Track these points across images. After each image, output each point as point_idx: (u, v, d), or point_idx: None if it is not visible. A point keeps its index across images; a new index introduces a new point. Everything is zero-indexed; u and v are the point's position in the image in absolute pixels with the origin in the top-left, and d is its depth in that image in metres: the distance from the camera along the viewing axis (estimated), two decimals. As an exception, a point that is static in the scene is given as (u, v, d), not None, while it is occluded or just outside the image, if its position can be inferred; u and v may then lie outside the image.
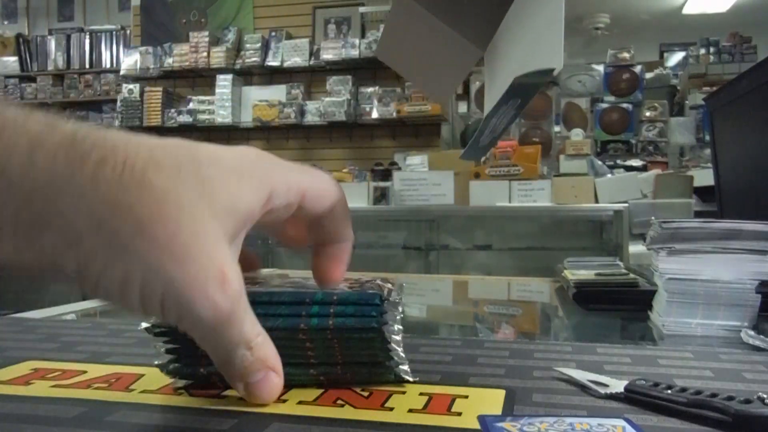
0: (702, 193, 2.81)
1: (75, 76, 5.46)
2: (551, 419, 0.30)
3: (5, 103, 0.25)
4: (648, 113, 4.16)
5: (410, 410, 0.32)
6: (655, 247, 0.63)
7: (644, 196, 2.95)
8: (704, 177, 2.78)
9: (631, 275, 0.84)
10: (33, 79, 5.51)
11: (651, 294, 0.69)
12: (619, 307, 0.77)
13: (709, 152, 2.40)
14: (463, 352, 0.46)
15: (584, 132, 3.95)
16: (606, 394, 0.35)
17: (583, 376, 0.37)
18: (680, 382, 0.36)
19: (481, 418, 0.31)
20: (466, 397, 0.35)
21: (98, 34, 5.60)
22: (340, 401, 0.34)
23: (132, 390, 0.36)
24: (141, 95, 4.50)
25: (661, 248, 0.62)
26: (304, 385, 0.36)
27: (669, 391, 0.33)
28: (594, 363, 0.43)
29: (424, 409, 0.33)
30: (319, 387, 0.36)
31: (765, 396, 0.31)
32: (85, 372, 0.40)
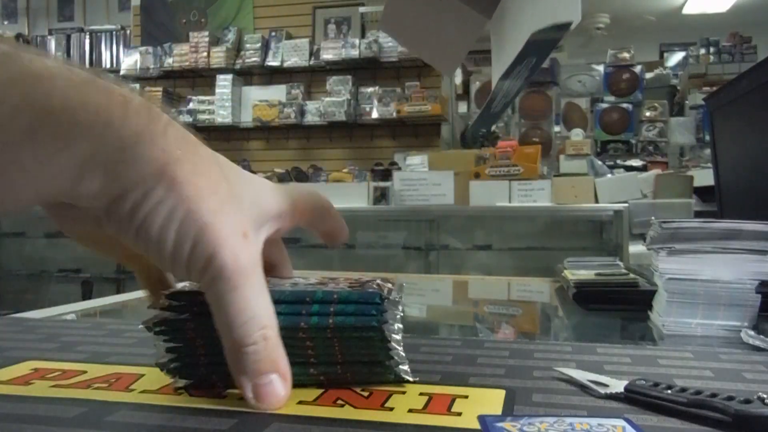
0: (702, 193, 2.81)
1: (75, 76, 5.46)
2: (551, 419, 0.30)
3: (92, 70, 0.32)
4: (648, 113, 4.16)
5: (410, 410, 0.32)
6: (655, 247, 0.63)
7: (644, 196, 2.95)
8: (704, 177, 2.78)
9: (631, 275, 0.84)
10: (33, 79, 5.52)
11: (651, 294, 0.69)
12: (619, 307, 0.77)
13: (709, 152, 2.40)
14: (463, 352, 0.46)
15: (584, 132, 3.96)
16: (606, 394, 0.35)
17: (583, 376, 0.37)
18: (680, 382, 0.36)
19: (481, 418, 0.31)
20: (466, 397, 0.35)
21: (98, 34, 5.60)
22: (340, 401, 0.34)
23: (132, 390, 0.36)
24: (141, 95, 4.50)
25: (661, 248, 0.62)
26: (304, 385, 0.36)
27: (669, 391, 0.33)
28: (594, 363, 0.43)
29: (424, 409, 0.33)
30: (319, 387, 0.36)
31: (765, 396, 0.31)
32: (85, 372, 0.40)
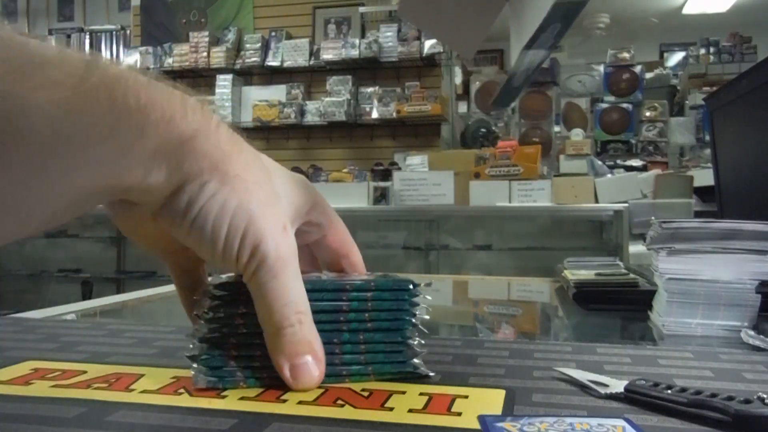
0: (702, 193, 2.81)
1: (75, 76, 5.46)
2: (551, 419, 0.30)
3: (149, 73, 0.34)
4: (648, 113, 4.16)
5: (410, 410, 0.32)
6: (655, 247, 0.63)
7: (644, 196, 2.95)
8: (704, 177, 2.78)
9: (631, 275, 0.84)
10: (33, 79, 5.51)
11: (651, 294, 0.69)
12: (619, 307, 0.77)
13: (709, 152, 2.40)
14: (463, 352, 0.46)
15: (584, 132, 3.96)
16: (606, 394, 0.35)
17: (583, 376, 0.37)
18: (680, 382, 0.36)
19: (481, 418, 0.31)
20: (466, 397, 0.35)
21: (98, 34, 5.61)
22: (340, 401, 0.34)
23: (132, 390, 0.36)
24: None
25: (661, 248, 0.62)
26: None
27: (669, 391, 0.33)
28: (594, 363, 0.43)
29: (424, 409, 0.33)
30: (322, 385, 0.36)
31: (765, 396, 0.31)
32: (85, 372, 0.40)
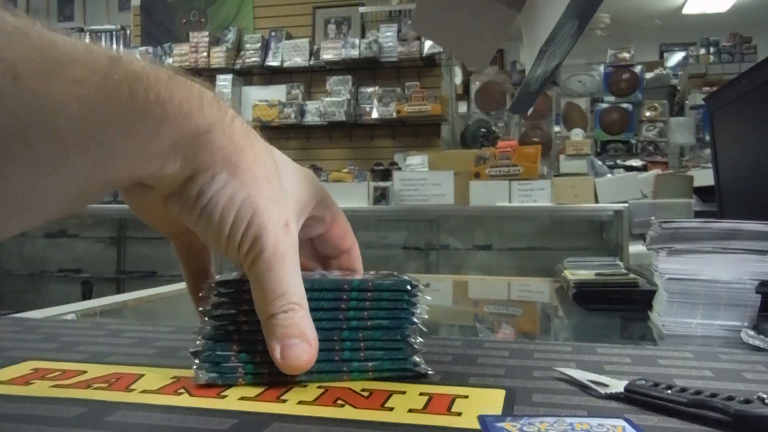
0: (702, 193, 2.81)
1: (75, 76, 5.46)
2: (551, 419, 0.30)
3: (171, 67, 0.36)
4: (648, 113, 4.16)
5: (410, 410, 0.32)
6: (655, 247, 0.63)
7: (644, 196, 2.95)
8: (704, 177, 2.78)
9: (631, 275, 0.84)
10: (33, 79, 5.51)
11: (651, 294, 0.69)
12: (619, 307, 0.77)
13: (709, 152, 2.40)
14: (463, 352, 0.46)
15: (584, 132, 3.96)
16: (606, 394, 0.35)
17: (583, 376, 0.37)
18: (680, 382, 0.36)
19: (481, 418, 0.31)
20: (466, 397, 0.35)
21: (98, 34, 5.60)
22: (340, 401, 0.34)
23: (132, 390, 0.36)
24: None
25: (661, 248, 0.62)
26: (306, 385, 0.36)
27: (669, 391, 0.33)
28: (594, 363, 0.43)
29: (424, 409, 0.33)
30: (322, 385, 0.36)
31: (765, 396, 0.31)
32: (85, 372, 0.40)
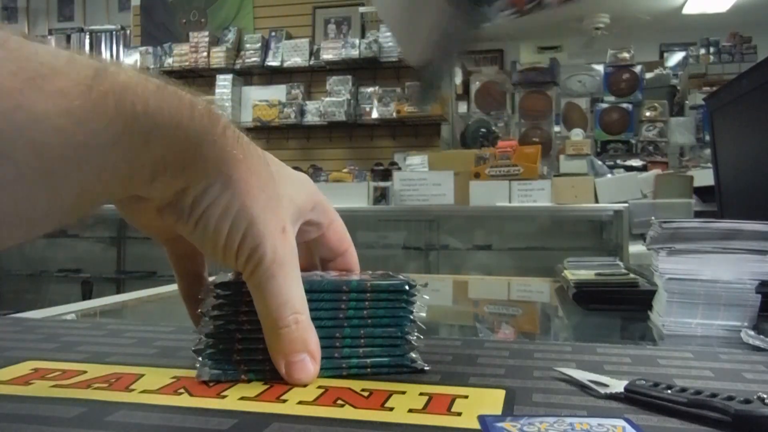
0: (702, 193, 2.81)
1: (75, 76, 5.46)
2: (551, 419, 0.30)
3: (161, 77, 0.35)
4: (648, 113, 4.16)
5: (410, 410, 0.32)
6: (655, 247, 0.63)
7: (644, 196, 2.95)
8: (704, 177, 2.78)
9: (631, 275, 0.84)
10: (33, 79, 5.51)
11: (651, 294, 0.69)
12: (619, 307, 0.77)
13: (709, 152, 2.40)
14: (463, 352, 0.46)
15: (584, 132, 3.96)
16: (606, 394, 0.35)
17: (583, 376, 0.37)
18: (680, 382, 0.36)
19: (481, 418, 0.31)
20: (466, 397, 0.35)
21: (98, 34, 5.61)
22: (340, 401, 0.34)
23: (132, 390, 0.36)
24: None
25: (661, 248, 0.62)
26: (306, 384, 0.36)
27: (669, 391, 0.33)
28: (594, 363, 0.43)
29: (424, 409, 0.33)
30: (322, 385, 0.36)
31: (765, 396, 0.31)
32: (85, 372, 0.40)
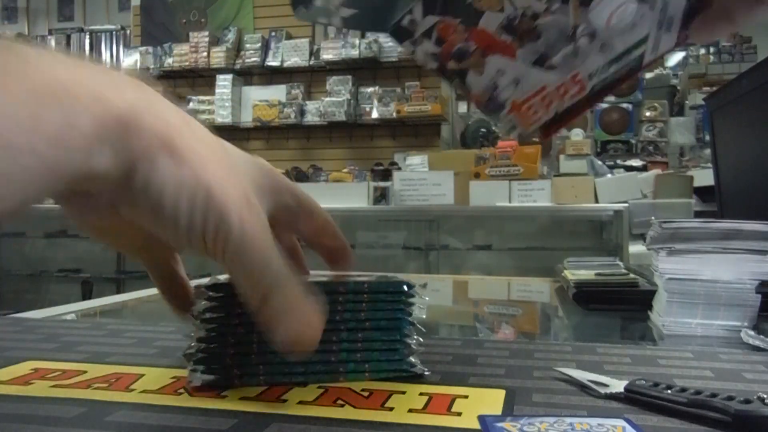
0: (702, 193, 2.81)
1: (75, 76, 5.47)
2: (551, 419, 0.30)
3: (79, 55, 0.32)
4: (648, 113, 4.16)
5: (410, 410, 0.32)
6: (655, 247, 0.63)
7: (644, 196, 2.95)
8: (704, 177, 2.77)
9: (631, 275, 0.84)
10: (33, 79, 5.52)
11: (651, 294, 0.69)
12: (619, 307, 0.77)
13: (709, 152, 2.40)
14: (463, 352, 0.46)
15: (584, 132, 3.95)
16: (606, 394, 0.35)
17: (583, 376, 0.37)
18: (680, 382, 0.36)
19: (481, 418, 0.31)
20: (466, 397, 0.35)
21: (98, 34, 5.61)
22: (340, 401, 0.34)
23: (132, 390, 0.36)
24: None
25: (661, 248, 0.62)
26: (306, 385, 0.36)
27: (669, 391, 0.33)
28: (594, 363, 0.43)
29: (424, 409, 0.33)
30: (322, 385, 0.36)
31: (765, 396, 0.31)
32: (85, 372, 0.40)
